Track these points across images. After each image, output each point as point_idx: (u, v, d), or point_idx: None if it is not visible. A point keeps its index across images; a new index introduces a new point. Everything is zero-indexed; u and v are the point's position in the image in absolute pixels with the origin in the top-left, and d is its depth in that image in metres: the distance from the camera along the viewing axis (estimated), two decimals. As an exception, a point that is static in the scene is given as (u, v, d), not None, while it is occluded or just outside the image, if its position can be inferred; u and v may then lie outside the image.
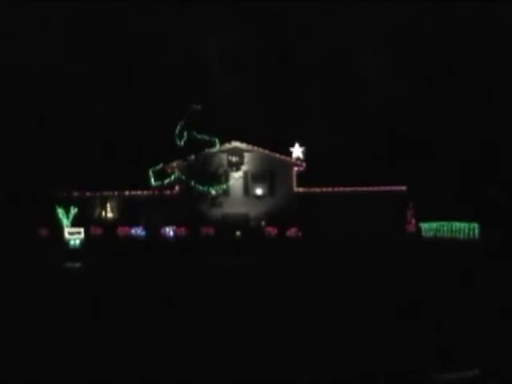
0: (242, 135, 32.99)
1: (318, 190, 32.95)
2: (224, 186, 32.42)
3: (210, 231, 31.67)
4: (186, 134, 32.12)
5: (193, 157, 32.17)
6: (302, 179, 33.27)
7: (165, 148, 31.87)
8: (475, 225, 27.79)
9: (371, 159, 34.22)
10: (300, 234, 30.78)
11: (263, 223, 31.87)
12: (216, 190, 32.09)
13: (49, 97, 35.74)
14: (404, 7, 42.79)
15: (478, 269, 18.37)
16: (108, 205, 34.20)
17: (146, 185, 32.59)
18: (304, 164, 33.29)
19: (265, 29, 42.40)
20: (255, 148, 33.31)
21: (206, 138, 32.13)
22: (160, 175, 32.46)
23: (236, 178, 32.99)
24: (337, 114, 39.19)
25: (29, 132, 33.41)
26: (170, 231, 32.10)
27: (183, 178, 32.24)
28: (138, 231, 32.50)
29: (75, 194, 33.14)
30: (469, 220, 28.40)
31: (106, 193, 33.97)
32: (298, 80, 40.57)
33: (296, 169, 33.48)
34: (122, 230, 32.57)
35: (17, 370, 7.95)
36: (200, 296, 14.26)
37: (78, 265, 23.72)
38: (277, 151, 33.35)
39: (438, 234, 30.26)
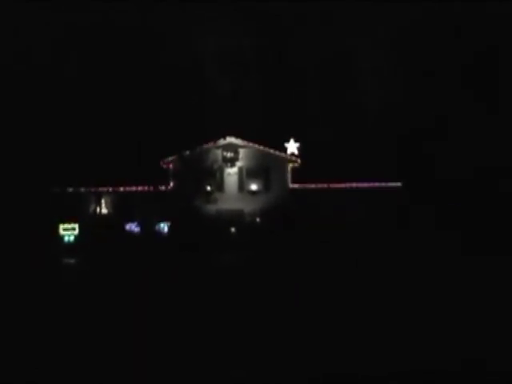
0: (237, 131, 32.94)
1: (313, 186, 32.82)
2: (219, 181, 32.38)
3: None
4: (182, 129, 32.10)
5: (188, 152, 32.13)
6: (297, 175, 33.16)
7: (160, 143, 31.82)
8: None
9: (367, 155, 34.07)
10: (295, 229, 30.58)
11: (258, 219, 31.74)
12: (211, 186, 32.04)
13: (46, 94, 35.77)
14: (404, 7, 42.67)
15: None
16: (103, 200, 34.11)
17: (141, 180, 32.51)
18: (299, 160, 33.24)
19: (264, 28, 42.33)
20: (250, 144, 33.27)
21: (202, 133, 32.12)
22: (155, 171, 32.42)
23: (231, 173, 32.93)
24: (332, 110, 39.07)
25: (24, 128, 33.41)
26: (164, 227, 32.00)
27: (178, 173, 32.17)
28: (132, 227, 32.36)
29: (70, 189, 33.06)
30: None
31: (100, 188, 33.90)
32: (293, 77, 40.50)
33: (291, 165, 33.42)
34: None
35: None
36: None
37: (72, 261, 23.76)
38: (272, 147, 33.29)
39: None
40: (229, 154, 32.95)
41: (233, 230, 31.04)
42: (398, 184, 32.60)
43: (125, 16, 42.53)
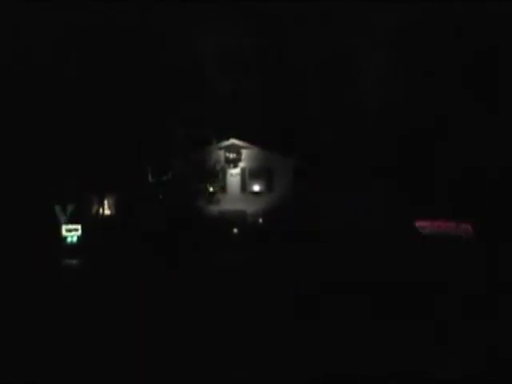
0: (239, 132, 33.05)
1: (315, 186, 32.88)
2: (221, 182, 32.53)
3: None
4: (183, 131, 32.21)
5: (190, 153, 32.27)
6: (300, 176, 33.23)
7: (163, 144, 31.90)
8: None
9: (369, 155, 34.17)
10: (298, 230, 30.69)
11: (260, 220, 31.83)
12: (213, 187, 32.15)
13: (47, 95, 35.83)
14: (404, 7, 42.72)
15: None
16: (105, 202, 34.21)
17: (143, 181, 32.59)
18: (302, 161, 33.32)
19: (264, 28, 42.39)
20: (253, 145, 33.35)
21: (204, 134, 32.26)
22: (158, 172, 32.48)
23: (233, 174, 33.03)
24: (335, 111, 39.15)
25: (26, 129, 33.50)
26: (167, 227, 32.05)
27: (181, 174, 32.27)
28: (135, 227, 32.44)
29: (73, 190, 33.16)
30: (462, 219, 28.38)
31: (103, 190, 33.99)
32: (294, 77, 40.57)
33: (293, 165, 33.49)
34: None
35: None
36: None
37: (75, 261, 23.76)
38: (274, 148, 33.37)
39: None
40: (231, 155, 33.06)
41: (235, 230, 31.12)
42: (401, 184, 32.58)
43: (125, 16, 42.54)
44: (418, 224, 31.13)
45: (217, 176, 32.44)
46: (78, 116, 36.09)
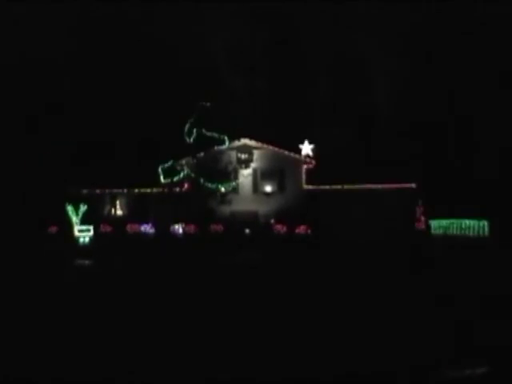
0: (251, 132, 32.98)
1: (327, 187, 32.82)
2: (233, 183, 32.48)
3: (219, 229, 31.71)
4: (195, 131, 32.19)
5: (202, 154, 32.24)
6: (312, 176, 33.16)
7: (174, 145, 31.91)
8: (485, 222, 27.50)
9: (381, 156, 34.14)
10: (309, 231, 30.72)
11: (272, 221, 31.80)
12: (225, 188, 32.10)
13: (57, 93, 35.98)
14: (409, 7, 42.77)
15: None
16: (117, 202, 34.27)
17: (155, 182, 32.62)
18: (313, 161, 33.19)
19: (275, 27, 42.45)
20: (264, 145, 33.25)
21: (216, 135, 32.19)
22: (169, 172, 32.47)
23: (245, 175, 32.97)
24: (346, 111, 39.15)
25: (38, 129, 33.65)
26: (179, 228, 32.12)
27: (192, 175, 32.27)
28: (146, 228, 32.55)
29: (85, 191, 33.29)
30: (478, 217, 28.09)
31: (115, 190, 34.06)
32: (307, 78, 40.62)
33: (305, 166, 33.36)
34: (131, 228, 32.66)
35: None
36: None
37: (87, 262, 23.71)
38: (286, 148, 33.26)
39: (447, 232, 29.99)
40: (243, 156, 32.94)
41: (247, 231, 31.13)
42: (412, 185, 32.43)
43: (131, 14, 42.60)
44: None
45: (229, 177, 32.34)
46: (91, 116, 36.24)
